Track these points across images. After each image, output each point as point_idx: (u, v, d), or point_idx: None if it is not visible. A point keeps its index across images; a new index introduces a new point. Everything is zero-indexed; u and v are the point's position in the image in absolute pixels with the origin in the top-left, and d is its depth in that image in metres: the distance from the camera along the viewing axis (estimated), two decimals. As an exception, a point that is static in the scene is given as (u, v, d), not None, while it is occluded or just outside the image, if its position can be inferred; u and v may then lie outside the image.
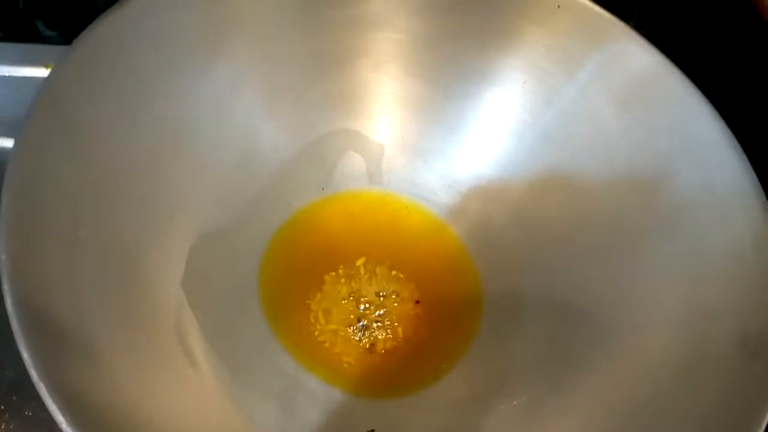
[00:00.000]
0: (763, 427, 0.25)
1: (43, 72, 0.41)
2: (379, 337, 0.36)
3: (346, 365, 0.35)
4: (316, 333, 0.35)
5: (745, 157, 0.32)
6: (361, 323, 0.36)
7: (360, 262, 0.38)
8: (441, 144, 0.40)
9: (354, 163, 0.40)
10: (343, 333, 0.36)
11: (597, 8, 0.35)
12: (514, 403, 0.33)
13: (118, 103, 0.31)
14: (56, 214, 0.27)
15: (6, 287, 0.23)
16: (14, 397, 0.33)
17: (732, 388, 0.27)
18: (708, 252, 0.31)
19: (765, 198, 0.31)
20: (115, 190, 0.30)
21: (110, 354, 0.26)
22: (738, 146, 0.32)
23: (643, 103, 0.35)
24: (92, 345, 0.25)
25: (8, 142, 0.40)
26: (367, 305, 0.37)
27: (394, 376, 0.35)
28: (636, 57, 0.35)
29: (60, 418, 0.21)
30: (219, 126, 0.35)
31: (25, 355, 0.22)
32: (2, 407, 0.32)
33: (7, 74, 0.41)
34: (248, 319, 0.35)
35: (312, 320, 0.36)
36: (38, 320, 0.23)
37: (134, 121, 0.31)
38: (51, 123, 0.27)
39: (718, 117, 0.33)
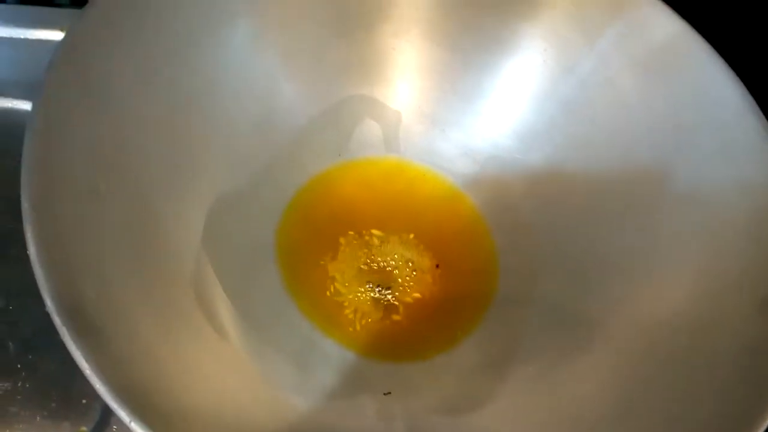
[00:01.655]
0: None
1: (58, 35, 0.40)
2: (395, 302, 0.36)
3: (361, 328, 0.35)
4: (332, 296, 0.35)
5: (766, 122, 0.31)
6: (376, 288, 0.36)
7: (376, 227, 0.38)
8: (459, 113, 0.40)
9: (371, 129, 0.40)
10: (358, 297, 0.35)
11: (618, -25, 0.35)
12: (529, 369, 0.32)
13: (136, 60, 0.31)
14: (77, 167, 0.27)
15: (29, 235, 0.23)
16: (30, 356, 0.32)
17: (751, 353, 0.27)
18: (727, 218, 0.31)
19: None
20: (135, 147, 0.30)
21: (128, 306, 0.26)
22: (760, 113, 0.32)
23: (664, 71, 0.35)
24: (111, 297, 0.25)
25: (25, 105, 0.40)
26: (383, 270, 0.36)
27: (409, 340, 0.35)
28: (658, 24, 0.35)
29: (83, 364, 0.21)
30: (238, 87, 0.35)
31: (48, 300, 0.22)
32: (18, 366, 0.32)
33: (22, 36, 0.41)
34: (265, 281, 0.35)
35: (328, 284, 0.36)
36: (59, 267, 0.23)
37: (153, 80, 0.32)
38: (70, 76, 0.27)
39: (740, 84, 0.32)
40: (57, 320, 0.22)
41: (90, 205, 0.27)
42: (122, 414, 0.21)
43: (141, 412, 0.21)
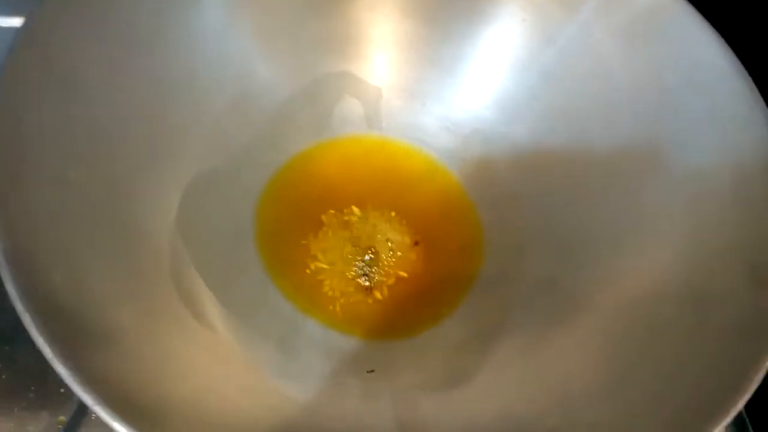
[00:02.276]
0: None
1: (19, 21, 0.39)
2: (379, 279, 0.35)
3: (343, 308, 0.34)
4: (315, 276, 0.35)
5: (753, 85, 0.31)
6: (359, 266, 0.35)
7: (358, 205, 0.37)
8: (439, 86, 0.39)
9: (351, 107, 0.40)
10: (341, 276, 0.35)
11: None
12: (515, 343, 0.32)
13: (102, 44, 0.30)
14: (43, 153, 0.26)
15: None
16: (7, 348, 0.32)
17: (741, 319, 0.26)
18: (714, 184, 0.30)
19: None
20: (106, 132, 0.29)
21: (100, 294, 0.25)
22: (746, 74, 0.31)
23: (646, 36, 0.34)
24: (82, 284, 0.25)
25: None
26: (366, 249, 0.36)
27: (394, 318, 0.34)
28: (640, -11, 0.34)
29: (46, 349, 0.21)
30: (212, 67, 0.35)
31: (12, 290, 0.21)
32: (-5, 358, 0.32)
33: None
34: (246, 264, 0.34)
35: (310, 264, 0.35)
36: (24, 254, 0.23)
37: (122, 64, 0.31)
38: (31, 61, 0.26)
39: (725, 45, 0.32)
40: (18, 306, 0.21)
41: (58, 192, 0.26)
42: (87, 399, 0.20)
43: (107, 399, 0.20)
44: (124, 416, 0.21)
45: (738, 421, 0.35)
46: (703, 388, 0.25)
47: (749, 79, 0.31)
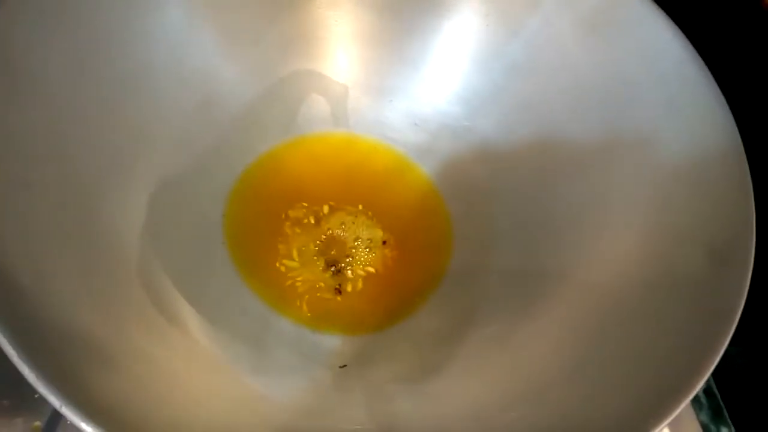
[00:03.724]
0: (733, 331, 0.25)
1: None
2: (349, 275, 0.35)
3: (316, 305, 0.34)
4: (286, 275, 0.35)
5: (708, 72, 0.31)
6: (330, 264, 0.35)
7: (327, 204, 0.37)
8: (405, 81, 0.39)
9: (318, 105, 0.40)
10: (312, 273, 0.35)
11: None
12: (485, 333, 0.32)
13: (62, 46, 0.30)
14: (5, 157, 0.26)
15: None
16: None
17: (701, 298, 0.27)
18: (675, 169, 0.31)
19: (729, 111, 0.30)
20: (70, 133, 0.29)
21: (70, 297, 0.25)
22: (703, 64, 0.32)
23: (607, 29, 0.35)
24: (48, 288, 0.25)
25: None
26: (336, 246, 0.36)
27: (365, 313, 0.35)
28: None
29: (9, 351, 0.21)
30: (175, 68, 0.35)
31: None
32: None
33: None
34: (215, 264, 0.34)
35: (280, 263, 0.35)
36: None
37: (83, 66, 0.31)
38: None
39: (682, 37, 0.32)
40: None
41: (21, 196, 0.26)
42: (52, 399, 0.20)
43: (73, 399, 0.20)
44: (91, 416, 0.21)
45: (713, 404, 0.36)
46: (670, 366, 0.26)
47: (706, 69, 0.31)
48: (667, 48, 0.33)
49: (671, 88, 0.32)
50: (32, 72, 0.28)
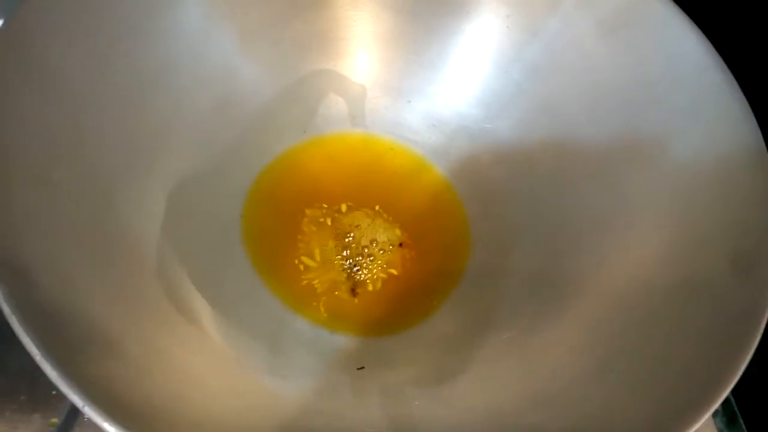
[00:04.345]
0: (758, 341, 0.25)
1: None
2: (366, 277, 0.35)
3: (332, 305, 0.34)
4: (303, 275, 0.35)
5: (731, 76, 0.31)
6: (347, 264, 0.35)
7: (345, 204, 0.37)
8: (424, 83, 0.39)
9: (336, 105, 0.40)
10: (329, 274, 0.35)
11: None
12: (503, 337, 0.32)
13: (84, 45, 0.30)
14: (26, 155, 0.26)
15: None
16: (-3, 350, 0.32)
17: (724, 306, 0.27)
18: (697, 175, 0.31)
19: (753, 117, 0.30)
20: (90, 133, 0.29)
21: (86, 295, 0.25)
22: (724, 66, 0.31)
23: (628, 30, 0.34)
24: (68, 286, 0.25)
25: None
26: (353, 247, 0.36)
27: (382, 314, 0.34)
28: (620, -18, 0.34)
29: (33, 350, 0.21)
30: (194, 68, 0.35)
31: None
32: (-15, 360, 0.32)
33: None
34: (233, 264, 0.34)
35: (297, 263, 0.35)
36: (13, 260, 0.23)
37: (104, 64, 0.31)
38: (12, 62, 0.26)
39: (704, 38, 0.32)
40: (5, 308, 0.21)
41: (42, 194, 0.26)
42: (75, 399, 0.20)
43: (95, 399, 0.20)
44: (113, 416, 0.20)
45: (728, 410, 0.36)
46: (692, 373, 0.26)
47: (728, 71, 0.31)
48: (688, 50, 0.32)
49: (692, 91, 0.32)
50: (52, 69, 0.28)
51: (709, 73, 0.31)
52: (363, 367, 0.31)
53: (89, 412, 0.20)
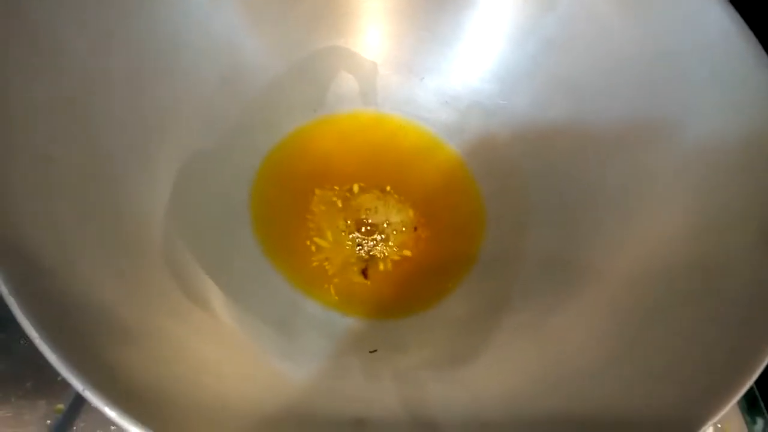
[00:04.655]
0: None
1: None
2: (379, 258, 0.34)
3: (343, 287, 0.34)
4: (314, 256, 0.34)
5: (759, 45, 0.30)
6: (358, 246, 0.35)
7: (356, 184, 0.36)
8: (437, 59, 0.38)
9: (347, 83, 0.39)
10: (341, 255, 0.34)
11: None
12: (519, 319, 0.31)
13: (87, 19, 0.29)
14: (28, 131, 0.25)
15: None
16: (2, 336, 0.32)
17: (749, 287, 0.26)
18: (722, 149, 0.30)
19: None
20: (92, 108, 0.29)
21: (94, 278, 0.25)
22: (751, 34, 0.30)
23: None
24: (71, 269, 0.24)
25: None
26: (365, 227, 0.35)
27: (395, 296, 0.34)
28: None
29: (32, 333, 0.20)
30: (201, 44, 0.34)
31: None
32: (-10, 346, 0.31)
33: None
34: (242, 246, 0.33)
35: (308, 244, 0.34)
36: (15, 241, 0.22)
37: (108, 39, 0.30)
38: (12, 37, 0.26)
39: (728, 5, 0.31)
40: (4, 289, 0.20)
41: (44, 171, 0.25)
42: (75, 382, 0.19)
43: (98, 383, 0.20)
44: (115, 400, 0.20)
45: (749, 395, 0.35)
46: (718, 356, 0.24)
47: (755, 39, 0.30)
48: (711, 19, 0.31)
49: (716, 62, 0.31)
50: (58, 46, 0.28)
51: (733, 43, 0.30)
52: (376, 350, 0.31)
53: (89, 396, 0.19)
